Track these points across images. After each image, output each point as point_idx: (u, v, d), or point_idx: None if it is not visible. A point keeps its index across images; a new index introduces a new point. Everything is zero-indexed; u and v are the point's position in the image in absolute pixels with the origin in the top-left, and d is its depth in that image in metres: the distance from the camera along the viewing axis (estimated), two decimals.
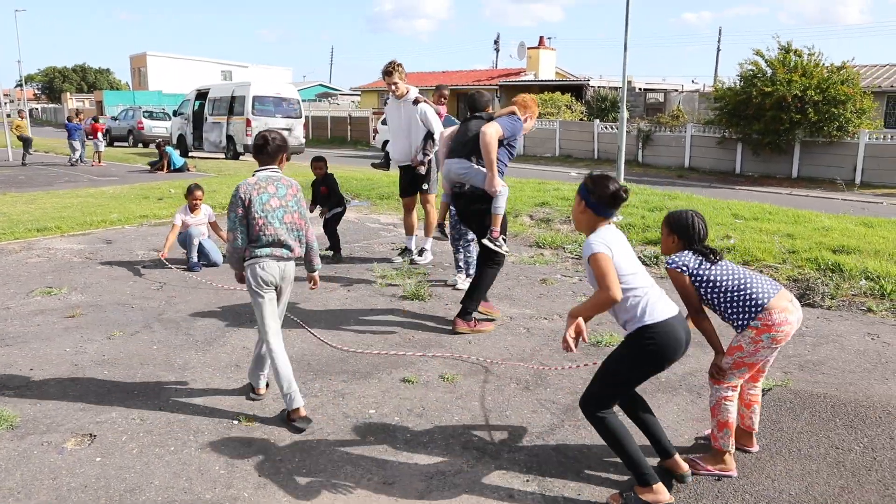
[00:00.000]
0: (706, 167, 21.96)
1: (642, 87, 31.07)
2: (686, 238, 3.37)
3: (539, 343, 5.16)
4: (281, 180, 3.91)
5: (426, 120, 7.10)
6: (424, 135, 7.19)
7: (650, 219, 9.52)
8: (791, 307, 3.22)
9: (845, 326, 5.59)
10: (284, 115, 22.88)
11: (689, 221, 3.37)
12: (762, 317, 3.16)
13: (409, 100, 7.15)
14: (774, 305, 3.17)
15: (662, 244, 3.52)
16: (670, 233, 3.43)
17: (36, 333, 5.25)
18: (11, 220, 9.82)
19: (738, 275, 3.29)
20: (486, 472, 3.37)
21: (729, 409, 3.31)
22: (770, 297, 3.20)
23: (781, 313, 3.16)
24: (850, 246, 7.84)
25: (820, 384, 4.43)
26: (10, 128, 20.46)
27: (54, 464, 3.40)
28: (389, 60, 7.07)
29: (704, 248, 3.36)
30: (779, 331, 3.17)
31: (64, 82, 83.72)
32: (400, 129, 7.32)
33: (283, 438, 3.68)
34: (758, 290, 3.22)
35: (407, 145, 7.32)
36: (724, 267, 3.32)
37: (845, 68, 19.10)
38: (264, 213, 3.79)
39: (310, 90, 52.92)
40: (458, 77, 38.49)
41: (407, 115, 7.20)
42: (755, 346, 3.20)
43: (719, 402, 3.32)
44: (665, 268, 3.38)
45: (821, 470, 3.39)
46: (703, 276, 3.28)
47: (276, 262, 3.86)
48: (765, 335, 3.17)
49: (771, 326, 3.16)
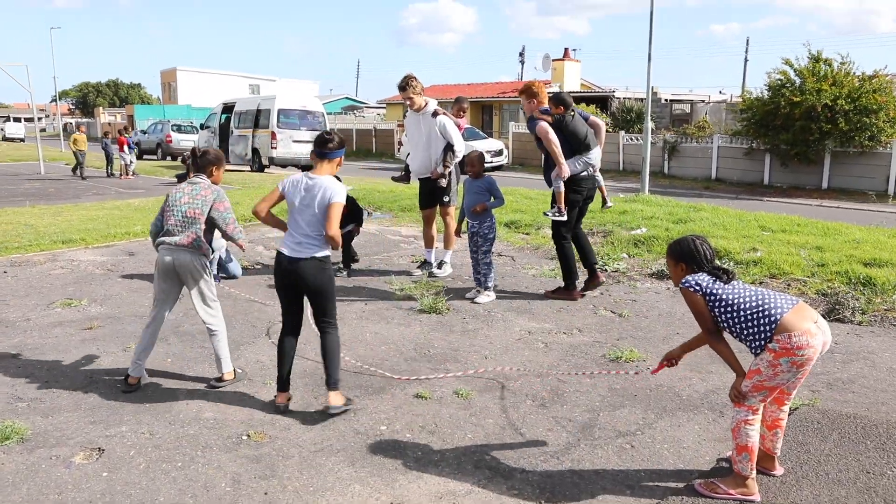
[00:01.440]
0: (733, 178, 21.62)
1: (668, 98, 30.82)
2: (693, 262, 3.29)
3: (557, 358, 5.04)
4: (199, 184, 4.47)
5: (445, 132, 7.07)
6: (444, 147, 7.15)
7: (674, 231, 9.34)
8: (814, 329, 3.03)
9: (877, 343, 5.39)
10: (309, 128, 23.03)
11: (691, 246, 3.31)
12: (780, 339, 3.01)
13: (428, 112, 7.14)
14: (794, 326, 3.01)
15: (673, 277, 3.44)
16: (676, 262, 3.36)
17: (54, 345, 5.27)
18: (38, 232, 9.95)
19: (752, 293, 3.17)
20: (497, 493, 3.26)
21: (749, 432, 3.16)
22: (783, 311, 3.04)
23: (802, 336, 2.99)
24: (883, 259, 7.60)
25: (850, 404, 4.25)
26: (69, 142, 21.06)
27: (61, 478, 3.36)
28: (404, 75, 7.05)
29: (715, 269, 3.27)
30: (799, 354, 3.00)
31: (97, 97, 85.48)
32: (419, 141, 7.30)
33: (292, 455, 3.61)
34: (772, 306, 3.08)
35: (427, 158, 7.29)
36: (738, 286, 3.21)
37: (877, 77, 18.69)
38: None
39: (336, 103, 53.38)
40: (483, 89, 38.53)
41: (426, 128, 7.18)
42: (773, 370, 3.05)
43: (739, 425, 3.18)
44: (679, 288, 3.27)
45: (850, 496, 3.23)
46: (717, 295, 3.17)
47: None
48: (783, 359, 3.01)
49: (790, 350, 2.99)
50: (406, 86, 6.99)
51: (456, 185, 7.55)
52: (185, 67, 55.10)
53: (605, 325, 5.84)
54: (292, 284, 4.06)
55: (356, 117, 46.19)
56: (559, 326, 5.79)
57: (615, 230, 9.69)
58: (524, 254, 8.83)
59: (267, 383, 4.53)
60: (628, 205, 12.19)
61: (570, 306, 6.39)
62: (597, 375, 4.68)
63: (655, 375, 4.64)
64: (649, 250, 8.59)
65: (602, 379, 4.64)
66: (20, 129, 59.49)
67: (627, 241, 9.00)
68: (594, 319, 6.00)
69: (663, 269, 7.59)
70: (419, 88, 7.07)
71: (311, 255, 3.97)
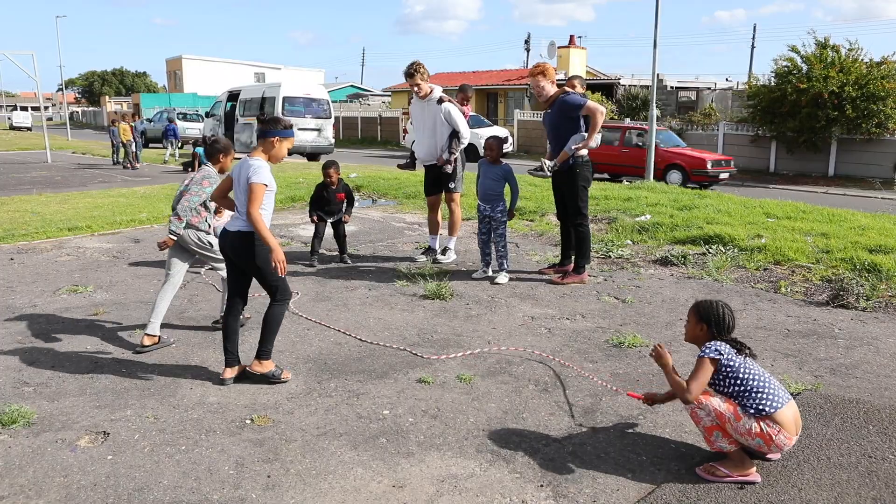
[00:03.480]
0: (739, 165, 21.50)
1: (674, 85, 30.64)
2: (716, 329, 3.32)
3: (560, 343, 5.05)
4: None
5: (451, 119, 7.08)
6: (450, 134, 7.16)
7: (679, 217, 9.32)
8: (795, 435, 3.20)
9: (881, 329, 5.37)
10: (314, 116, 23.03)
11: (720, 313, 3.33)
12: (769, 425, 3.13)
13: (434, 99, 7.13)
14: (786, 426, 3.14)
15: (688, 331, 3.45)
16: (699, 321, 3.37)
17: (59, 331, 5.30)
18: (45, 220, 9.99)
19: (760, 374, 3.23)
20: (498, 477, 3.28)
21: (701, 415, 3.24)
22: (782, 405, 3.15)
23: (786, 438, 3.15)
24: (888, 245, 7.57)
25: (853, 389, 4.25)
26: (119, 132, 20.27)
27: (66, 461, 3.39)
28: (411, 62, 7.04)
29: (734, 341, 3.30)
30: (770, 447, 3.17)
31: (103, 86, 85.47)
32: (425, 128, 7.30)
33: (295, 439, 3.63)
34: (774, 397, 3.16)
35: (432, 144, 7.30)
36: (750, 363, 3.26)
37: (886, 63, 18.56)
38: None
39: (341, 91, 53.28)
40: (488, 77, 38.36)
41: (431, 115, 7.17)
42: (745, 433, 3.16)
43: (693, 411, 3.28)
44: (699, 356, 3.27)
45: (851, 479, 3.24)
46: (734, 367, 3.21)
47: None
48: (759, 439, 3.15)
49: (769, 439, 3.14)
50: (414, 72, 6.99)
51: (462, 171, 7.54)
52: (190, 56, 55.01)
53: (609, 311, 5.84)
54: (227, 256, 4.30)
55: (361, 105, 46.08)
56: (562, 312, 5.80)
57: (619, 217, 9.67)
58: (528, 240, 8.82)
59: None
60: (633, 192, 12.15)
61: (574, 292, 6.39)
62: (599, 360, 4.69)
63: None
64: (653, 237, 8.57)
65: (604, 364, 4.65)
66: (27, 118, 59.63)
67: (632, 228, 8.99)
68: (597, 305, 6.00)
69: (667, 256, 7.58)
70: (426, 75, 7.07)
71: (236, 229, 4.16)
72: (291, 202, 12.15)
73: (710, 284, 6.67)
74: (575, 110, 6.43)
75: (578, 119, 6.48)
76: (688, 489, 3.16)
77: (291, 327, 5.37)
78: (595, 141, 6.56)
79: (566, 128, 6.49)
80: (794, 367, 4.59)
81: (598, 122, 6.41)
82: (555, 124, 6.59)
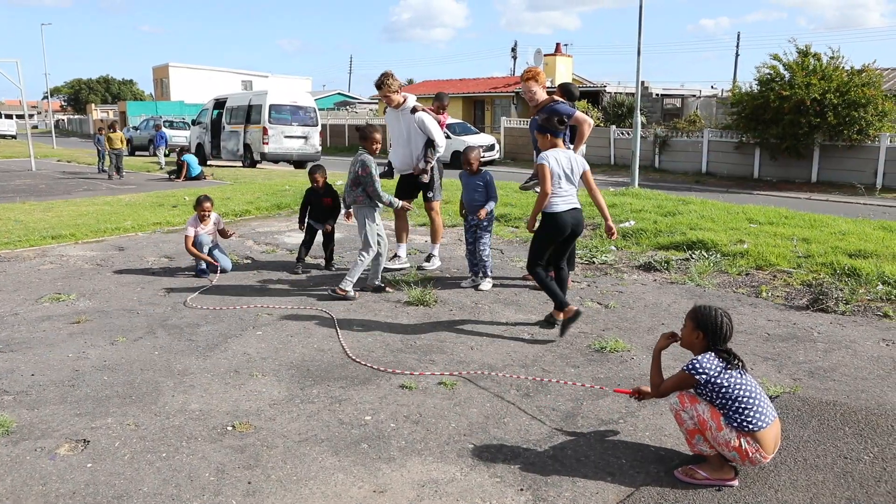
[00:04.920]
0: (724, 172, 21.74)
1: (659, 92, 30.87)
2: (713, 337, 3.30)
3: (542, 349, 5.08)
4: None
5: (425, 128, 7.05)
6: (425, 143, 7.14)
7: (662, 224, 9.39)
8: (771, 455, 3.23)
9: (859, 332, 5.44)
10: (301, 124, 23.06)
11: (718, 322, 3.30)
12: (749, 442, 3.16)
13: (407, 109, 7.10)
14: (765, 446, 3.17)
15: (685, 337, 3.44)
16: (695, 328, 3.35)
17: (41, 339, 5.27)
18: (28, 228, 9.93)
19: (751, 390, 3.22)
20: (479, 481, 3.30)
21: (684, 417, 3.29)
22: (766, 424, 3.17)
23: (763, 458, 3.19)
24: (868, 250, 7.67)
25: (830, 391, 4.30)
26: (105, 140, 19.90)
27: (45, 470, 3.38)
28: (381, 73, 7.00)
29: (728, 353, 3.29)
30: (744, 463, 3.21)
31: (89, 94, 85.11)
32: (400, 138, 7.27)
33: (276, 445, 3.63)
34: (758, 415, 3.17)
35: (408, 154, 7.28)
36: (742, 377, 3.24)
37: (866, 71, 18.80)
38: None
39: (329, 99, 53.29)
40: (475, 85, 38.52)
41: (406, 125, 7.16)
42: (724, 443, 3.19)
43: (677, 413, 3.32)
44: (684, 368, 3.29)
45: (827, 480, 3.28)
46: (718, 385, 3.21)
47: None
48: (734, 452, 3.18)
49: (745, 456, 3.18)
50: (381, 84, 6.94)
51: (440, 179, 7.54)
52: (177, 64, 54.81)
53: (592, 316, 5.87)
54: (570, 230, 5.66)
55: (349, 113, 46.10)
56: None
57: (604, 223, 9.71)
58: (513, 246, 8.86)
59: (254, 375, 4.55)
60: (617, 198, 12.24)
61: None
62: (581, 365, 4.72)
63: (639, 366, 4.70)
64: (637, 243, 8.63)
65: (586, 369, 4.68)
66: (11, 125, 59.14)
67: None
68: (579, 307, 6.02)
69: (651, 262, 7.64)
70: (395, 86, 7.00)
71: (578, 206, 5.64)
72: (277, 209, 12.14)
73: (692, 290, 6.72)
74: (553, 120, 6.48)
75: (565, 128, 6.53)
76: (666, 492, 3.19)
77: (274, 334, 5.37)
78: (580, 152, 6.61)
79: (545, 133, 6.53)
80: (773, 371, 4.64)
81: (584, 133, 6.47)
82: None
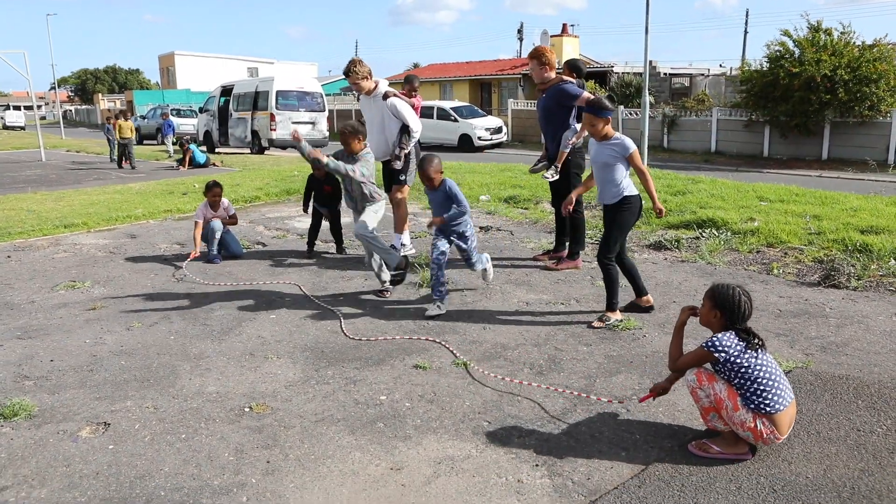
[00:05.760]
0: (733, 151, 21.59)
1: (667, 71, 30.64)
2: (732, 316, 3.27)
3: (554, 328, 5.10)
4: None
5: (398, 114, 6.76)
6: (400, 129, 6.85)
7: (672, 203, 9.37)
8: (784, 436, 3.25)
9: (871, 307, 5.43)
10: (308, 109, 23.05)
11: (737, 300, 3.25)
12: (765, 424, 3.17)
13: (379, 95, 6.81)
14: (780, 427, 3.19)
15: (702, 316, 3.40)
16: (713, 307, 3.31)
17: (58, 326, 5.34)
18: (40, 218, 10.01)
19: (770, 372, 3.20)
20: (494, 458, 3.34)
21: (700, 395, 3.31)
22: (778, 409, 3.17)
23: (776, 439, 3.21)
24: (880, 226, 7.64)
25: (843, 366, 4.31)
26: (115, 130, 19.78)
27: (68, 452, 3.44)
28: (349, 60, 6.76)
29: (749, 332, 3.26)
30: (756, 443, 3.25)
31: (96, 83, 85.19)
32: (374, 125, 6.97)
33: (293, 425, 3.68)
34: (776, 397, 3.17)
35: (383, 141, 6.99)
36: (762, 357, 3.22)
37: (878, 45, 18.57)
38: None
39: (335, 84, 53.05)
40: (482, 67, 38.34)
41: (379, 111, 6.87)
42: (739, 423, 3.21)
43: (693, 390, 3.33)
44: (703, 346, 3.26)
45: (840, 452, 3.30)
46: (737, 364, 3.20)
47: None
48: (749, 433, 3.20)
49: (759, 437, 3.20)
50: (349, 71, 6.69)
51: (414, 164, 7.12)
52: (183, 52, 54.85)
53: (603, 296, 5.86)
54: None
55: (355, 98, 45.96)
56: (557, 297, 5.85)
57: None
58: (523, 228, 8.86)
59: (269, 358, 4.60)
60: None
61: (569, 277, 6.44)
62: (593, 343, 4.75)
63: (651, 343, 4.72)
64: (647, 222, 8.62)
65: (598, 347, 4.70)
66: (20, 117, 59.42)
67: None
68: (591, 290, 6.05)
69: (661, 241, 7.63)
70: (363, 73, 6.71)
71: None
72: (287, 195, 12.18)
73: (703, 268, 6.72)
74: (570, 100, 6.45)
75: (571, 109, 6.51)
76: (681, 466, 3.22)
77: (288, 318, 5.42)
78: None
79: (559, 115, 6.53)
80: (785, 346, 4.65)
81: None
82: (548, 110, 6.62)
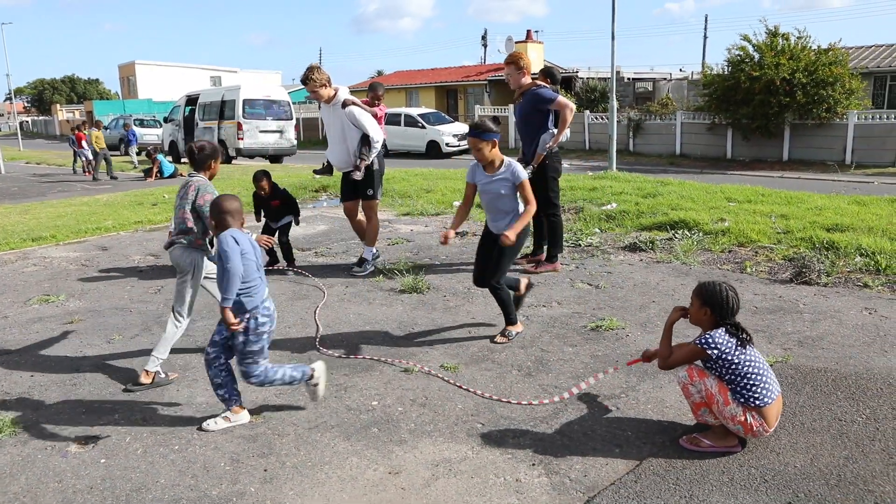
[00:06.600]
0: (697, 153, 22.02)
1: (631, 76, 31.13)
2: (720, 312, 3.36)
3: (539, 330, 5.16)
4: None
5: (357, 122, 6.59)
6: (360, 138, 6.68)
7: (644, 205, 9.53)
8: (772, 428, 3.33)
9: (842, 302, 5.61)
10: (275, 118, 22.89)
11: (724, 296, 3.34)
12: (754, 417, 3.26)
13: (338, 103, 6.61)
14: (768, 420, 3.27)
15: (692, 314, 3.48)
16: (702, 305, 3.40)
17: (36, 340, 5.24)
18: (6, 231, 9.79)
19: (758, 367, 3.30)
20: (491, 458, 3.37)
21: (691, 391, 3.39)
22: (767, 402, 3.26)
23: (765, 432, 3.30)
24: (844, 224, 7.88)
25: (820, 359, 4.45)
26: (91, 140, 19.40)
27: (59, 467, 3.39)
28: (307, 67, 6.55)
29: (738, 327, 3.35)
30: (746, 436, 3.33)
31: (54, 94, 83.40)
32: (335, 134, 6.80)
33: (287, 433, 3.68)
34: (764, 391, 3.26)
35: (343, 150, 6.83)
36: (750, 353, 3.32)
37: (833, 50, 19.14)
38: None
39: (300, 92, 52.63)
40: (447, 74, 38.45)
41: (338, 120, 6.68)
42: (730, 417, 3.28)
43: (685, 386, 3.41)
44: (696, 343, 3.35)
45: (825, 442, 3.41)
46: (728, 361, 3.28)
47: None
48: (739, 426, 3.28)
49: (749, 430, 3.28)
50: (307, 79, 6.48)
51: (381, 177, 7.05)
52: (143, 61, 53.95)
53: (583, 297, 5.98)
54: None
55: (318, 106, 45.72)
56: (538, 300, 5.92)
57: (586, 206, 9.85)
58: None
59: None
60: (597, 182, 12.37)
61: (548, 280, 6.52)
62: (578, 344, 4.82)
63: (635, 343, 4.81)
64: (621, 224, 8.76)
65: (583, 347, 4.78)
66: None
67: (599, 217, 9.17)
68: (572, 292, 6.14)
69: (636, 242, 7.76)
70: (322, 80, 6.50)
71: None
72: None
73: (678, 268, 6.86)
74: (545, 104, 6.55)
75: (548, 113, 6.61)
76: (673, 460, 3.30)
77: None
78: (565, 136, 6.69)
79: (535, 119, 6.62)
80: (764, 342, 4.78)
81: (567, 118, 6.54)
82: (525, 114, 6.71)
